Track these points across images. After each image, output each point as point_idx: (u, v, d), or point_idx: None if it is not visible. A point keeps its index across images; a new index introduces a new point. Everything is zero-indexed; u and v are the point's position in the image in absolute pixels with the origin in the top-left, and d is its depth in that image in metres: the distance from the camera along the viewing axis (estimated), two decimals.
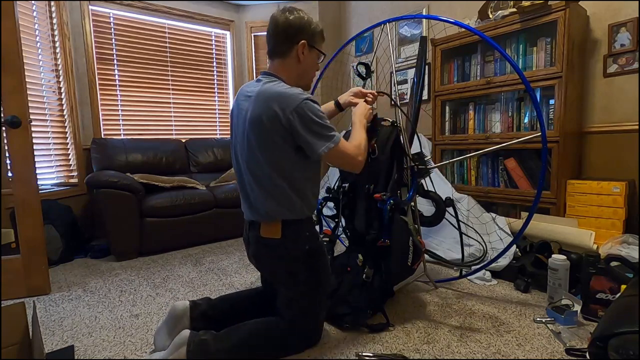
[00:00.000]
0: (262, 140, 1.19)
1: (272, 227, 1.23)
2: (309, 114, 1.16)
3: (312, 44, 1.29)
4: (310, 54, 1.30)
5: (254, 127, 1.19)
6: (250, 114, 1.20)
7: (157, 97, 3.35)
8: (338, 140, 1.20)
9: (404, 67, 3.14)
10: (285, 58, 1.28)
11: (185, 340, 1.11)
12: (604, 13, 2.05)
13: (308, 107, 1.16)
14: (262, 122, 1.17)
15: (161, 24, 3.32)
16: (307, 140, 1.17)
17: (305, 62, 1.29)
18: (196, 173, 3.24)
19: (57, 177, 2.72)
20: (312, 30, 1.27)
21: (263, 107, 1.18)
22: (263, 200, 1.23)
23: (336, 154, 1.21)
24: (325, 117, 1.21)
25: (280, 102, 1.16)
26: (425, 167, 1.63)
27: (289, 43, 1.26)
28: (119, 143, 2.91)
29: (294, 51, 1.26)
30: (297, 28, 1.24)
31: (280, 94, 1.18)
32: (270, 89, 1.20)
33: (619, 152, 2.04)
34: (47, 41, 2.64)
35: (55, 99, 2.70)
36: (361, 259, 1.52)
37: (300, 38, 1.25)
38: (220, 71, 3.73)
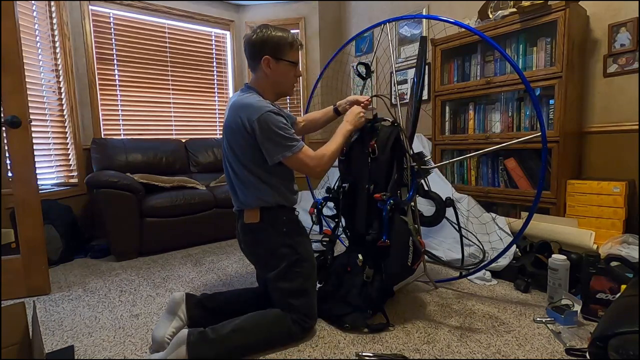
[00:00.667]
0: (233, 143, 1.36)
1: (252, 213, 1.38)
2: (268, 125, 1.28)
3: (279, 56, 1.38)
4: (278, 65, 1.40)
5: (227, 132, 1.38)
6: (225, 121, 1.40)
7: (157, 97, 3.35)
8: (296, 150, 1.31)
9: (404, 67, 3.14)
10: (255, 72, 1.43)
11: (184, 339, 1.15)
12: (604, 13, 2.05)
13: (269, 118, 1.28)
14: (231, 128, 1.35)
15: (161, 24, 3.32)
16: (265, 147, 1.31)
17: (273, 75, 1.40)
18: (196, 173, 3.24)
19: (57, 177, 2.72)
20: (274, 44, 1.37)
21: (233, 116, 1.34)
22: (241, 191, 1.39)
23: (292, 162, 1.34)
24: (286, 128, 1.31)
25: (246, 113, 1.31)
26: (425, 167, 1.63)
27: (254, 60, 1.40)
28: (119, 143, 2.91)
29: (260, 66, 1.39)
30: (259, 45, 1.37)
31: (246, 105, 1.32)
32: (241, 100, 1.36)
33: (619, 152, 2.04)
34: (47, 41, 2.64)
35: (55, 99, 2.70)
36: (361, 259, 1.52)
37: (262, 54, 1.37)
38: (220, 71, 3.73)
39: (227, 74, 3.78)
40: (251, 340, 1.24)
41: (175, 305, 1.32)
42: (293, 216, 1.45)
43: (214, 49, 3.68)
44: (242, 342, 1.22)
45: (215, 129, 3.75)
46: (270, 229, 1.38)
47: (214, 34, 3.66)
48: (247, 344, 1.23)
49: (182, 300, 1.34)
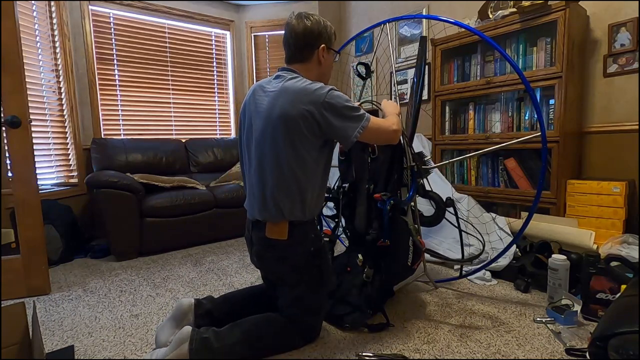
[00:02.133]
0: (291, 136, 1.19)
1: (279, 227, 1.23)
2: (339, 102, 1.20)
3: (330, 46, 1.34)
4: (329, 55, 1.35)
5: (283, 123, 1.19)
6: (279, 111, 1.19)
7: (157, 97, 3.35)
8: (369, 118, 1.24)
9: (404, 67, 3.14)
10: (306, 62, 1.32)
11: (187, 336, 1.13)
12: (604, 13, 2.05)
13: (335, 95, 1.20)
14: (293, 118, 1.18)
15: (161, 24, 3.32)
16: (341, 126, 1.20)
17: (325, 64, 1.35)
18: (196, 173, 3.24)
19: (57, 177, 2.72)
20: (328, 33, 1.32)
21: (292, 103, 1.18)
22: (277, 196, 1.22)
23: (371, 132, 1.24)
24: (350, 100, 1.24)
25: (309, 98, 1.18)
26: (425, 167, 1.63)
27: (310, 48, 1.30)
28: (119, 143, 2.91)
29: (315, 55, 1.31)
30: (317, 33, 1.29)
31: (305, 89, 1.20)
32: (294, 85, 1.22)
33: (619, 152, 2.04)
34: (47, 41, 2.64)
35: (55, 99, 2.70)
36: (361, 259, 1.52)
37: (320, 42, 1.30)
38: (220, 71, 3.73)
39: (227, 74, 3.78)
40: (254, 351, 1.21)
41: (182, 315, 1.27)
42: (319, 232, 1.36)
43: (214, 49, 3.68)
44: (246, 353, 1.19)
45: (215, 129, 3.75)
46: (297, 248, 1.25)
47: (214, 34, 3.66)
48: (249, 354, 1.20)
49: (189, 310, 1.29)
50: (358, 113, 1.22)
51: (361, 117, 1.22)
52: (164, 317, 1.55)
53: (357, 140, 1.22)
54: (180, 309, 1.28)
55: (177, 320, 1.27)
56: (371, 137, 1.28)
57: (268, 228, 1.25)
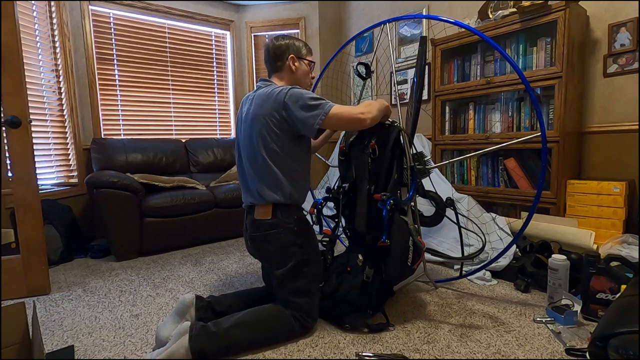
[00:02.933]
0: (262, 133, 1.38)
1: (265, 209, 1.40)
2: (298, 96, 1.35)
3: (300, 56, 1.54)
4: (301, 64, 1.54)
5: (255, 123, 1.40)
6: (252, 114, 1.42)
7: (157, 97, 3.35)
8: (332, 106, 1.35)
9: (404, 67, 3.14)
10: (280, 72, 1.53)
11: (186, 329, 1.19)
12: (604, 13, 2.05)
13: (295, 91, 1.36)
14: (262, 118, 1.38)
15: (161, 24, 3.32)
16: (302, 117, 1.33)
17: (297, 72, 1.53)
18: (196, 173, 3.24)
19: (57, 177, 2.72)
20: (296, 46, 1.53)
21: (261, 106, 1.39)
22: (257, 185, 1.41)
23: (333, 120, 1.34)
24: (311, 93, 1.37)
25: (273, 99, 1.37)
26: (425, 167, 1.63)
27: (280, 59, 1.51)
28: (119, 143, 2.91)
29: (286, 64, 1.51)
30: (285, 47, 1.51)
31: (270, 93, 1.39)
32: (262, 92, 1.43)
33: (619, 152, 2.04)
34: (47, 41, 2.64)
35: (55, 99, 2.70)
36: (361, 259, 1.52)
37: (288, 54, 1.51)
38: (220, 71, 3.73)
39: (227, 74, 3.78)
40: (252, 334, 1.26)
41: (185, 308, 1.32)
42: (303, 216, 1.47)
43: (214, 49, 3.68)
44: (244, 336, 1.25)
45: (215, 129, 3.75)
46: (282, 227, 1.39)
47: (214, 34, 3.66)
48: (248, 338, 1.26)
49: (192, 303, 1.34)
50: (318, 102, 1.34)
51: (321, 105, 1.34)
52: (164, 317, 1.55)
53: (319, 127, 1.34)
54: (183, 302, 1.34)
55: (180, 314, 1.31)
56: (335, 124, 1.37)
57: (256, 210, 1.43)
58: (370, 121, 1.40)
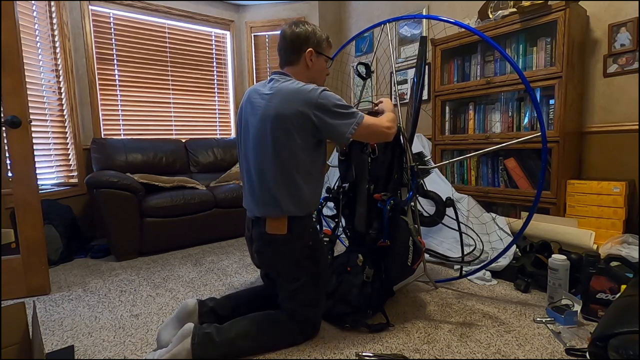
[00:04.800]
0: (286, 136, 1.24)
1: (278, 223, 1.28)
2: (331, 102, 1.24)
3: (319, 50, 1.39)
4: (318, 60, 1.40)
5: (278, 124, 1.24)
6: (274, 111, 1.25)
7: (157, 97, 3.35)
8: (363, 115, 1.29)
9: (404, 67, 3.14)
10: (295, 66, 1.38)
11: (189, 332, 1.16)
12: (604, 13, 2.05)
13: (327, 96, 1.25)
14: (287, 119, 1.23)
15: (161, 24, 3.32)
16: (334, 125, 1.24)
17: (313, 68, 1.39)
18: (196, 173, 3.24)
19: (57, 177, 2.72)
20: (317, 38, 1.38)
21: (287, 104, 1.24)
22: (272, 192, 1.26)
23: (364, 130, 1.28)
24: (342, 100, 1.29)
25: (302, 98, 1.23)
26: (425, 167, 1.63)
27: (297, 52, 1.36)
28: (119, 143, 2.91)
29: (303, 58, 1.37)
30: (304, 38, 1.35)
31: (299, 90, 1.25)
32: (287, 87, 1.27)
33: (619, 152, 2.04)
34: (47, 41, 2.64)
35: (55, 99, 2.70)
36: (361, 259, 1.52)
37: (307, 47, 1.36)
38: (220, 71, 3.73)
39: (227, 74, 3.78)
40: (255, 345, 1.25)
41: (187, 315, 1.29)
42: (315, 226, 1.40)
43: (214, 49, 3.68)
44: (247, 347, 1.23)
45: (215, 129, 3.75)
46: (297, 242, 1.30)
47: (214, 34, 3.66)
48: (251, 348, 1.24)
49: (194, 310, 1.31)
50: (351, 111, 1.27)
51: (354, 114, 1.27)
52: (164, 317, 1.55)
53: (351, 137, 1.26)
54: (185, 309, 1.30)
55: (181, 320, 1.28)
56: (365, 135, 1.32)
57: (268, 224, 1.29)
58: (393, 135, 1.39)
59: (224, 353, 1.19)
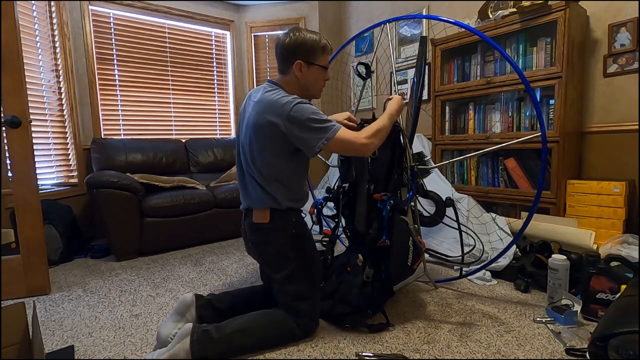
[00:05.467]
0: (261, 143, 1.33)
1: (262, 213, 1.37)
2: (303, 115, 1.26)
3: (310, 61, 1.38)
4: (310, 70, 1.39)
5: (254, 132, 1.34)
6: (253, 120, 1.34)
7: (157, 97, 3.35)
8: (337, 129, 1.28)
9: (404, 67, 3.14)
10: (286, 75, 1.41)
11: (188, 331, 1.18)
12: (604, 13, 2.05)
13: (300, 109, 1.27)
14: (261, 128, 1.31)
15: (161, 24, 3.32)
16: (304, 138, 1.27)
17: (304, 79, 1.39)
18: (196, 173, 3.24)
19: (57, 177, 2.72)
20: (307, 48, 1.36)
21: (261, 115, 1.31)
22: (254, 189, 1.39)
23: (336, 144, 1.29)
24: (318, 112, 1.30)
25: (275, 111, 1.28)
26: (425, 167, 1.63)
27: (287, 62, 1.38)
28: (119, 143, 2.91)
29: (292, 70, 1.38)
30: (292, 49, 1.36)
31: (273, 103, 1.29)
32: (266, 98, 1.32)
33: (619, 152, 2.04)
34: (47, 41, 2.64)
35: (55, 99, 2.70)
36: (361, 259, 1.52)
37: (295, 59, 1.36)
38: (220, 71, 3.73)
39: (227, 74, 3.78)
40: (254, 341, 1.26)
41: (185, 308, 1.31)
42: (301, 219, 1.44)
43: (214, 49, 3.68)
44: (245, 342, 1.24)
45: (215, 129, 3.75)
46: (280, 230, 1.37)
47: (214, 34, 3.66)
48: (249, 344, 1.25)
49: (192, 303, 1.33)
50: (323, 125, 1.27)
51: (327, 128, 1.27)
52: (164, 317, 1.55)
53: (319, 150, 1.28)
54: (183, 302, 1.33)
55: (180, 313, 1.30)
56: (337, 148, 1.32)
57: (254, 214, 1.40)
58: (372, 150, 1.34)
59: (223, 350, 1.20)
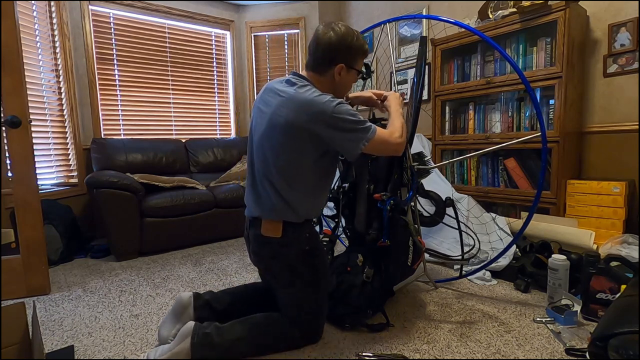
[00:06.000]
0: (291, 144, 1.20)
1: (274, 225, 1.24)
2: (343, 117, 1.17)
3: (351, 65, 1.29)
4: (348, 74, 1.31)
5: (285, 131, 1.19)
6: (284, 120, 1.19)
7: (157, 97, 3.35)
8: (375, 130, 1.22)
9: (404, 67, 3.14)
10: (321, 75, 1.29)
11: (189, 331, 1.16)
12: (604, 13, 2.05)
13: (340, 110, 1.17)
14: (296, 129, 1.18)
15: (161, 24, 3.32)
16: (345, 139, 1.19)
17: (340, 82, 1.31)
18: (196, 173, 3.24)
19: (57, 177, 2.72)
20: (353, 51, 1.27)
21: (297, 113, 1.18)
22: (271, 197, 1.24)
23: (375, 144, 1.22)
24: (356, 114, 1.21)
25: (315, 110, 1.17)
26: (425, 167, 1.63)
27: (327, 64, 1.27)
28: (119, 143, 2.91)
29: (331, 72, 1.28)
30: (336, 50, 1.25)
31: (313, 101, 1.18)
32: (301, 95, 1.20)
33: (619, 152, 2.04)
34: (47, 41, 2.64)
35: (55, 99, 2.70)
36: (361, 259, 1.52)
37: (339, 61, 1.26)
38: (220, 71, 3.73)
39: (227, 74, 3.78)
40: (255, 348, 1.23)
41: (182, 308, 1.29)
42: (314, 230, 1.35)
43: (214, 49, 3.68)
44: (246, 350, 1.22)
45: (215, 129, 3.75)
46: (291, 247, 1.26)
47: (214, 34, 3.66)
48: (250, 351, 1.23)
49: (189, 303, 1.30)
50: (363, 126, 1.20)
51: (366, 129, 1.20)
52: (164, 317, 1.54)
53: (360, 152, 1.21)
54: (180, 302, 1.30)
55: (178, 314, 1.29)
56: (375, 150, 1.26)
57: (263, 225, 1.26)
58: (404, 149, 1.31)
59: (223, 355, 1.18)
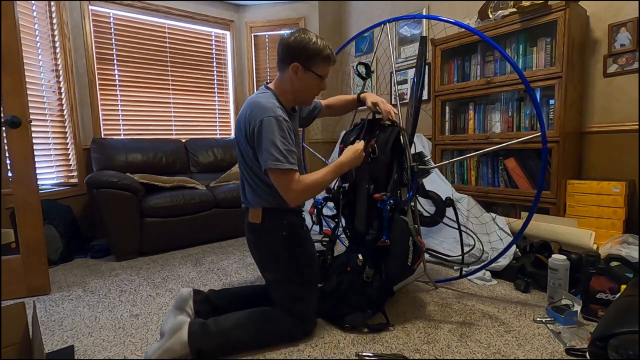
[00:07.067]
0: (243, 142, 1.36)
1: (255, 212, 1.39)
2: (268, 130, 1.25)
3: (308, 67, 1.33)
4: (305, 75, 1.35)
5: (239, 131, 1.38)
6: (240, 119, 1.38)
7: (157, 97, 3.35)
8: (282, 167, 1.24)
9: (404, 67, 3.14)
10: (282, 74, 1.39)
11: (180, 325, 1.19)
12: (604, 13, 2.05)
13: (269, 124, 1.25)
14: (241, 128, 1.36)
15: (161, 24, 3.32)
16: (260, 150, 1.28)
17: (297, 83, 1.36)
18: (196, 173, 3.24)
19: (57, 177, 2.72)
20: (310, 53, 1.31)
21: (243, 115, 1.35)
22: (248, 189, 1.41)
23: (274, 177, 1.28)
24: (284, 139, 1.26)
25: (252, 112, 1.30)
26: (425, 167, 1.63)
27: (285, 62, 1.35)
28: (119, 143, 2.91)
29: (287, 71, 1.35)
30: (293, 50, 1.31)
31: (255, 104, 1.32)
32: (252, 99, 1.36)
33: (619, 152, 2.04)
34: (47, 41, 2.64)
35: (55, 99, 2.70)
36: (361, 259, 1.52)
37: (293, 60, 1.32)
38: (220, 71, 3.73)
39: (227, 74, 3.78)
40: (252, 338, 1.27)
41: (183, 302, 1.32)
42: (297, 220, 1.42)
43: (214, 49, 3.68)
44: (243, 338, 1.25)
45: (215, 129, 3.75)
46: (271, 232, 1.37)
47: (214, 34, 3.66)
48: (248, 341, 1.26)
49: (189, 297, 1.34)
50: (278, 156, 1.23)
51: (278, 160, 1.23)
52: (164, 317, 1.55)
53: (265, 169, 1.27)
54: (180, 296, 1.34)
55: (179, 308, 1.31)
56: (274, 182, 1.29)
57: (249, 212, 1.41)
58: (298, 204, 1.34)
59: (220, 343, 1.21)
